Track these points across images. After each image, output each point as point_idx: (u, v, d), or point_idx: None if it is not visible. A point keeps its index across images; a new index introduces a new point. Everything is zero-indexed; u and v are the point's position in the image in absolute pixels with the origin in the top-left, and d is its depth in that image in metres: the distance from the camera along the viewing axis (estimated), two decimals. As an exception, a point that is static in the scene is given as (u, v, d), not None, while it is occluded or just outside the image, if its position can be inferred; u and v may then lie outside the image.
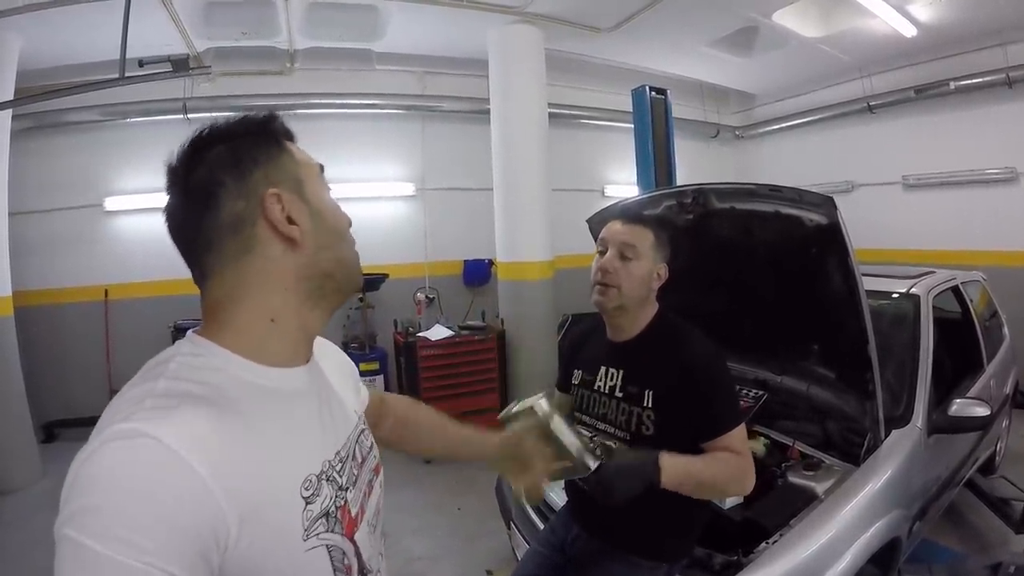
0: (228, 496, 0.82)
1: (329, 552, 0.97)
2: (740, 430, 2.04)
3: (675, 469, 1.90)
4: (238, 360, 0.99)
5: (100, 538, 0.74)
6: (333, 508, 1.00)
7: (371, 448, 1.26)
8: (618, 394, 2.21)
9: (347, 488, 1.06)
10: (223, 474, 0.83)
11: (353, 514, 1.05)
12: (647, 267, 2.16)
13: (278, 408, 1.00)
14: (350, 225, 1.17)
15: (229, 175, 1.01)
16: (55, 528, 0.77)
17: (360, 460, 1.18)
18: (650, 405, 2.10)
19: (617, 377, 2.23)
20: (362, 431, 1.25)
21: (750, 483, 2.04)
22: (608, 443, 2.13)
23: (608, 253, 2.18)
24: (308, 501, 0.95)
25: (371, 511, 1.15)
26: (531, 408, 1.87)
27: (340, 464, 1.08)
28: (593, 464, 1.87)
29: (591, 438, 2.11)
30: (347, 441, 1.15)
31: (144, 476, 0.78)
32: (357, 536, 1.05)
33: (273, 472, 0.92)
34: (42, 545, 0.77)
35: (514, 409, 1.92)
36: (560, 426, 1.86)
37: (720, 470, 1.96)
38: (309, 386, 1.10)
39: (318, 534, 0.95)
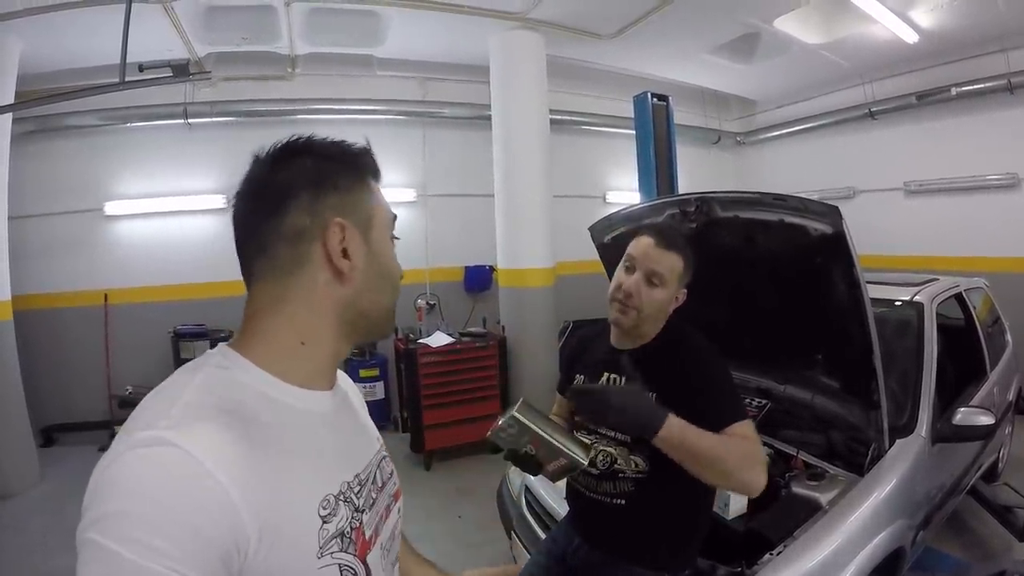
0: (249, 508, 0.83)
1: (341, 571, 0.96)
2: (746, 423, 1.97)
3: (679, 425, 1.82)
4: (266, 377, 1.00)
5: (124, 542, 0.74)
6: (348, 529, 1.00)
7: (391, 475, 1.27)
8: None
9: (363, 510, 1.06)
10: (245, 487, 0.83)
11: (367, 536, 1.05)
12: (670, 294, 2.16)
13: (301, 427, 1.01)
14: (401, 278, 1.20)
15: (306, 190, 1.03)
16: (78, 532, 0.77)
17: (380, 485, 1.18)
18: None
19: (619, 382, 2.21)
20: (383, 457, 1.26)
21: (760, 475, 1.89)
22: (609, 449, 2.11)
23: (635, 276, 2.15)
24: (325, 520, 0.95)
25: (386, 535, 1.15)
26: (512, 418, 1.85)
27: (359, 487, 1.08)
28: (583, 454, 1.87)
29: (592, 443, 2.10)
30: (368, 465, 1.16)
31: (169, 484, 0.78)
32: (369, 558, 1.04)
33: (293, 489, 0.92)
34: (41, 549, 0.77)
35: (499, 422, 1.91)
36: (542, 428, 1.86)
37: (724, 447, 1.86)
38: (333, 409, 1.12)
39: (332, 553, 0.95)
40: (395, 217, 1.20)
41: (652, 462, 2.03)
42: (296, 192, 1.02)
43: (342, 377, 1.23)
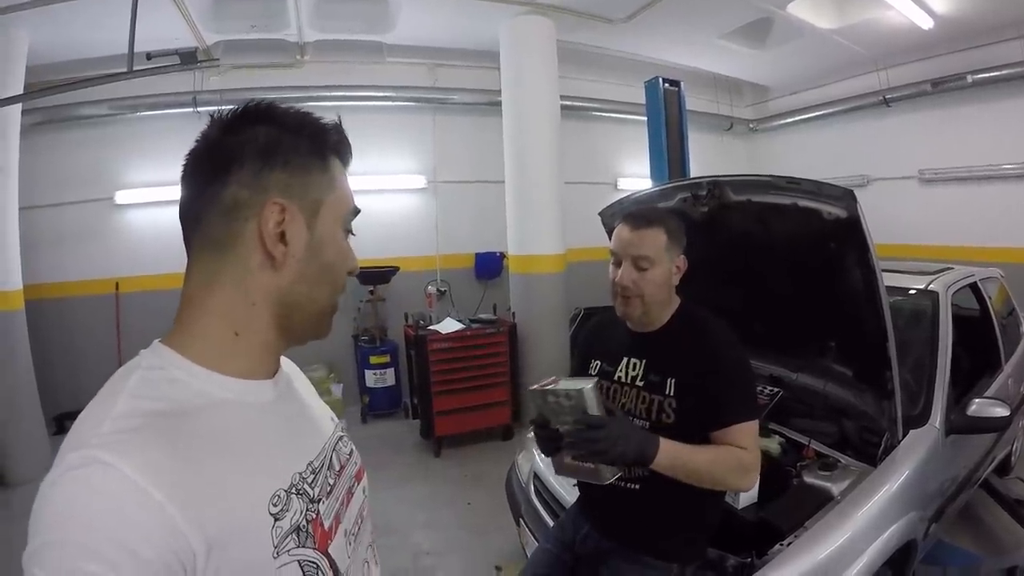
0: (190, 522, 0.79)
1: (302, 568, 0.92)
2: (751, 426, 2.02)
3: (669, 449, 1.89)
4: (201, 371, 0.95)
5: (61, 573, 0.73)
6: (304, 522, 0.95)
7: (351, 454, 1.22)
8: (639, 383, 2.19)
9: (319, 500, 1.01)
10: (184, 500, 0.79)
11: (327, 526, 1.01)
12: (665, 269, 2.14)
13: (243, 422, 0.96)
14: (353, 273, 1.12)
15: (252, 160, 0.96)
16: (23, 561, 0.75)
17: (338, 468, 1.14)
18: (672, 393, 2.09)
19: (640, 367, 2.21)
20: (340, 438, 1.21)
21: (751, 480, 2.06)
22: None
23: (623, 267, 2.16)
24: (277, 517, 0.90)
25: (349, 521, 1.11)
26: (579, 391, 1.83)
27: (312, 476, 1.03)
28: (611, 476, 1.87)
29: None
30: (322, 451, 1.11)
31: (101, 507, 0.75)
32: (331, 548, 1.00)
33: (238, 490, 0.88)
34: None
35: (559, 384, 1.89)
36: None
37: (715, 458, 1.95)
38: (276, 399, 1.06)
39: (289, 550, 0.91)
40: (356, 210, 1.11)
41: None
42: (241, 161, 0.95)
43: (284, 362, 1.16)
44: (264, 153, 0.97)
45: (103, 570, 0.72)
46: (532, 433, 2.07)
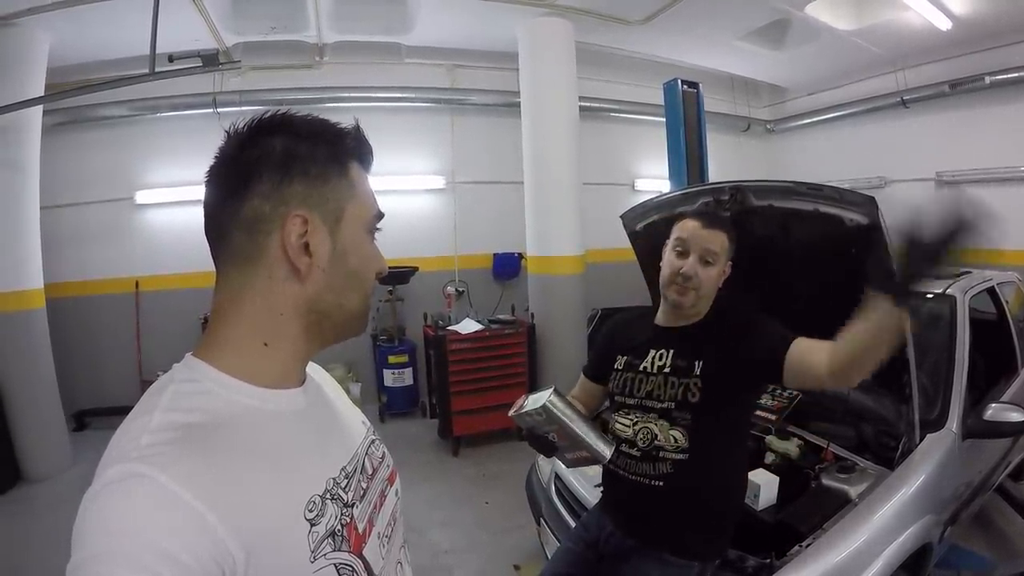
0: (230, 530, 0.80)
1: (338, 571, 0.94)
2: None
3: None
4: (233, 382, 0.96)
5: None
6: (339, 527, 0.97)
7: (383, 458, 1.24)
8: (666, 370, 2.28)
9: (353, 504, 1.03)
10: (224, 508, 0.81)
11: (360, 530, 1.02)
12: (720, 270, 2.29)
13: (277, 430, 0.97)
14: (381, 275, 1.12)
15: (271, 171, 0.96)
16: (67, 572, 0.76)
17: (371, 472, 1.16)
18: (698, 374, 2.19)
19: (667, 356, 2.31)
20: (372, 442, 1.23)
21: None
22: (650, 426, 2.23)
23: (691, 258, 2.26)
24: (313, 523, 0.92)
25: (382, 523, 1.13)
26: (543, 408, 1.94)
27: (346, 480, 1.05)
28: (607, 450, 1.97)
29: (633, 423, 2.21)
30: (353, 456, 1.12)
31: (142, 517, 0.77)
32: (365, 551, 1.01)
33: (275, 497, 0.89)
34: (71, 532, 0.77)
35: (526, 407, 1.99)
36: (572, 420, 1.94)
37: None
38: (307, 406, 1.07)
39: (325, 554, 0.92)
40: (380, 214, 1.10)
41: (691, 438, 2.13)
42: (260, 175, 0.96)
43: (312, 368, 1.17)
44: (282, 165, 0.97)
45: None
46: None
